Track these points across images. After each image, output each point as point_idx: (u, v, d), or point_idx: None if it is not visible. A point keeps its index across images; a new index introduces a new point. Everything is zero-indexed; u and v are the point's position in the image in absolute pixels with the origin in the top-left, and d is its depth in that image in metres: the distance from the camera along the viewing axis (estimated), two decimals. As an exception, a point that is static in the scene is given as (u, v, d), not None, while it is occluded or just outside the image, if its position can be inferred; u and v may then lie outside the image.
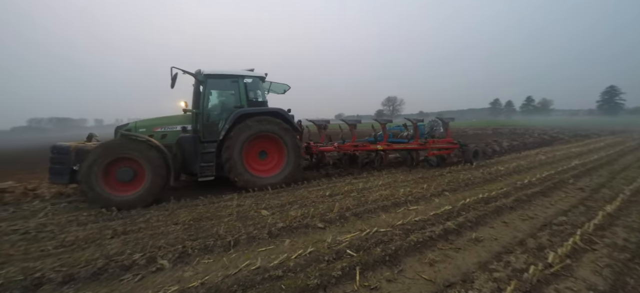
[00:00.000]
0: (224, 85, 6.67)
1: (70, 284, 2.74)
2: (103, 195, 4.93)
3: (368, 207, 4.54)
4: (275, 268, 2.80)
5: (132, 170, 5.18)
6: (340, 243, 3.34)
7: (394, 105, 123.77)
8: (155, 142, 5.43)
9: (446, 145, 8.28)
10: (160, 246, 3.38)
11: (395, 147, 8.24)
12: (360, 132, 9.89)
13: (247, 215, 4.41)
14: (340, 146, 7.82)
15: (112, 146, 5.16)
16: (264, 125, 6.12)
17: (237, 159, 5.89)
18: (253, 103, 6.48)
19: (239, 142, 5.90)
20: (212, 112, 6.42)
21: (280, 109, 6.55)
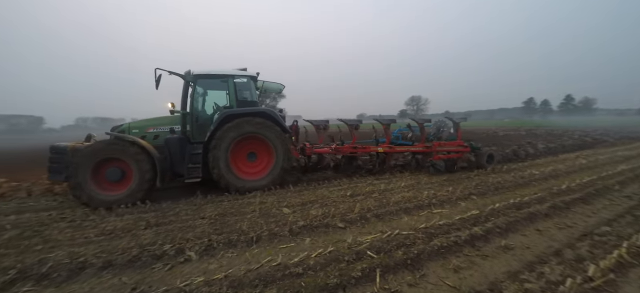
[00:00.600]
0: (214, 86, 6.64)
1: (109, 269, 2.98)
2: (91, 194, 5.02)
3: (389, 209, 4.46)
4: (296, 266, 2.85)
5: (121, 170, 5.26)
6: (360, 244, 3.31)
7: (418, 105, 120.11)
8: (143, 142, 5.43)
9: (455, 147, 7.50)
10: (188, 238, 3.56)
11: (397, 149, 7.62)
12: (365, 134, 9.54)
13: (269, 213, 4.51)
14: (338, 148, 7.39)
15: (99, 147, 5.23)
16: (251, 126, 5.90)
17: (223, 161, 5.71)
18: (243, 103, 6.24)
19: (225, 143, 5.72)
20: (202, 113, 6.39)
21: (269, 109, 6.42)
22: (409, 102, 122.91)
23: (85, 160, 5.02)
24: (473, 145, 7.87)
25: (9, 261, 3.20)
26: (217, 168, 5.66)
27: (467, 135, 18.61)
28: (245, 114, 5.96)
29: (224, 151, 5.72)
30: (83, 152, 5.07)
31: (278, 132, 6.08)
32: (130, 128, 6.00)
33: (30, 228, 4.23)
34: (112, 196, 5.12)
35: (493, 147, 9.48)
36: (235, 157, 6.02)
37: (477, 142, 8.78)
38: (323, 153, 7.78)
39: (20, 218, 4.67)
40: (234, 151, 5.96)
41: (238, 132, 5.81)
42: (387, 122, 7.71)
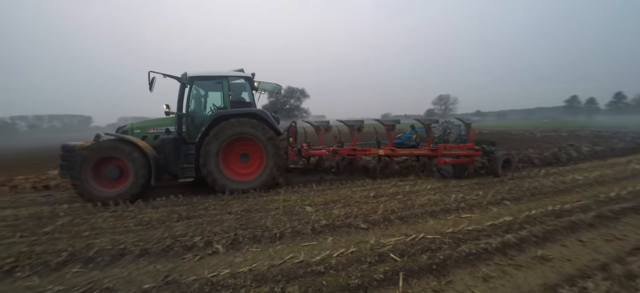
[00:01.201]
0: (209, 87, 6.77)
1: (145, 257, 3.22)
2: (91, 190, 5.32)
3: (414, 211, 4.34)
4: (317, 264, 2.87)
5: (119, 169, 5.53)
6: (383, 246, 3.27)
7: (446, 104, 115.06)
8: (138, 142, 5.64)
9: (464, 151, 6.89)
10: (216, 232, 3.73)
11: (399, 152, 7.21)
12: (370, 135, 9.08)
13: (293, 211, 4.59)
14: (336, 149, 7.15)
15: (97, 147, 5.50)
16: (242, 127, 5.86)
17: (213, 161, 5.75)
18: (237, 104, 6.36)
19: (216, 144, 5.76)
20: (198, 114, 6.48)
21: (261, 110, 6.37)
22: (437, 101, 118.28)
23: (84, 159, 5.33)
24: (486, 149, 7.13)
25: (61, 244, 3.58)
26: (207, 168, 5.72)
27: (497, 137, 17.58)
28: (236, 115, 5.97)
29: (214, 152, 5.76)
30: (82, 152, 5.38)
31: (269, 134, 5.99)
32: (132, 128, 6.33)
33: (79, 216, 4.68)
34: (110, 193, 5.39)
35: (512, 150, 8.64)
36: (228, 157, 6.06)
37: (495, 144, 8.09)
38: (320, 155, 7.61)
39: (72, 207, 5.18)
40: (226, 152, 6.00)
41: (228, 133, 5.82)
42: (390, 123, 7.37)
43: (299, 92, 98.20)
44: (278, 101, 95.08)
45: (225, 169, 5.92)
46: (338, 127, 8.85)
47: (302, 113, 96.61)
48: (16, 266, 3.08)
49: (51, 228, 4.20)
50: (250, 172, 6.16)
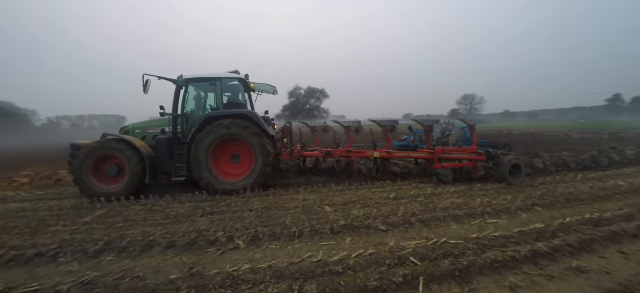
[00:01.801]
0: (204, 88, 6.87)
1: (172, 249, 3.39)
2: (91, 186, 5.62)
3: (436, 215, 4.21)
4: (335, 264, 2.88)
5: (118, 167, 5.79)
6: (403, 248, 3.20)
7: (472, 104, 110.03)
8: (134, 141, 5.86)
9: (466, 154, 6.47)
10: (237, 228, 3.85)
11: (395, 155, 6.87)
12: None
13: (311, 210, 4.62)
14: (329, 151, 6.97)
15: (96, 146, 5.76)
16: (230, 128, 5.88)
17: (202, 162, 5.83)
18: (229, 105, 6.47)
19: (205, 144, 5.82)
20: (193, 115, 6.56)
21: (250, 110, 6.36)
22: (461, 100, 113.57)
23: (84, 157, 5.63)
24: (490, 153, 6.56)
25: (98, 234, 3.87)
26: (196, 168, 5.84)
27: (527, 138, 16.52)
28: (226, 115, 6.01)
29: (204, 152, 5.84)
30: (83, 150, 5.69)
31: (258, 134, 5.97)
32: (133, 129, 6.60)
33: (114, 208, 5.03)
34: (109, 189, 5.69)
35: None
36: (219, 158, 6.13)
37: (509, 147, 7.48)
38: (312, 156, 7.46)
39: (110, 201, 5.56)
40: (217, 152, 6.06)
41: (218, 133, 5.87)
42: (389, 124, 7.00)
43: (319, 92, 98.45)
44: (298, 101, 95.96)
45: (215, 169, 6.01)
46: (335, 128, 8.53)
47: (321, 113, 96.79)
48: (59, 252, 3.37)
49: (89, 218, 4.55)
50: (240, 172, 6.19)
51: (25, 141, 38.05)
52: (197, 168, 5.84)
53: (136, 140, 6.06)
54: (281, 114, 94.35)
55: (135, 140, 5.99)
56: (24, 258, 3.29)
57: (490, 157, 6.50)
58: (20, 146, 26.02)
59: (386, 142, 7.04)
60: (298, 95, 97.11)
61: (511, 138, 17.41)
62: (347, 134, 7.30)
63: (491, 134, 23.09)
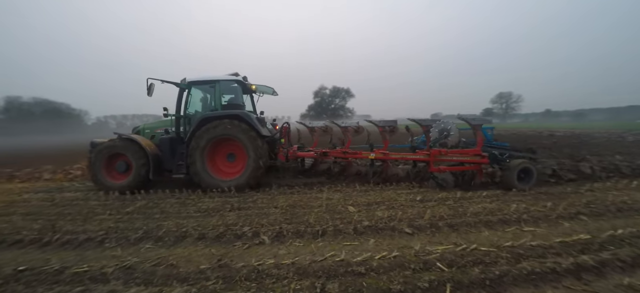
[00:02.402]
0: (205, 90, 7.10)
1: (202, 241, 3.59)
2: (103, 181, 6.25)
3: (466, 220, 4.01)
4: (358, 265, 2.86)
5: (126, 164, 6.32)
6: (429, 253, 3.10)
7: (508, 103, 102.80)
8: (142, 141, 6.33)
9: (467, 157, 5.97)
10: (263, 224, 3.98)
11: (391, 156, 6.54)
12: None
13: (335, 209, 4.63)
14: (325, 152, 6.85)
15: (107, 145, 6.35)
16: (224, 128, 6.10)
17: (199, 160, 6.09)
18: (228, 106, 6.72)
19: (201, 144, 6.08)
20: (194, 116, 6.77)
21: (243, 111, 6.50)
22: (496, 99, 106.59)
23: (97, 155, 6.25)
24: (496, 156, 5.92)
25: (138, 223, 4.20)
26: (193, 166, 6.10)
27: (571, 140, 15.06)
28: (221, 116, 6.22)
29: (200, 151, 6.09)
30: (96, 149, 6.31)
31: (250, 135, 6.10)
32: (144, 129, 7.07)
33: (152, 200, 5.44)
34: (118, 183, 6.24)
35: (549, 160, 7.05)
36: (215, 157, 6.42)
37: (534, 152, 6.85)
38: (308, 157, 7.34)
39: (149, 193, 6.05)
40: (214, 151, 6.35)
41: (212, 134, 6.10)
42: (388, 125, 6.73)
43: (344, 91, 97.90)
44: (323, 101, 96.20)
45: (212, 167, 6.29)
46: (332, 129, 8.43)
47: (346, 112, 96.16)
48: (105, 238, 3.72)
49: (131, 209, 4.96)
50: (235, 171, 6.39)
51: (79, 137, 42.33)
52: (193, 166, 6.13)
53: (143, 139, 6.57)
54: (306, 113, 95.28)
55: (142, 140, 6.48)
56: (76, 242, 3.68)
57: (496, 160, 5.90)
58: (75, 142, 29.01)
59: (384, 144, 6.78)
60: (323, 95, 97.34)
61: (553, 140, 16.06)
62: (345, 135, 7.18)
63: (529, 135, 21.46)
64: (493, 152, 5.95)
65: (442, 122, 7.17)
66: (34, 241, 3.76)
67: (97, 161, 6.29)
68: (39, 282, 2.79)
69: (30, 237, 3.84)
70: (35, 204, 5.69)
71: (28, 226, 4.27)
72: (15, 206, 5.61)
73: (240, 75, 7.15)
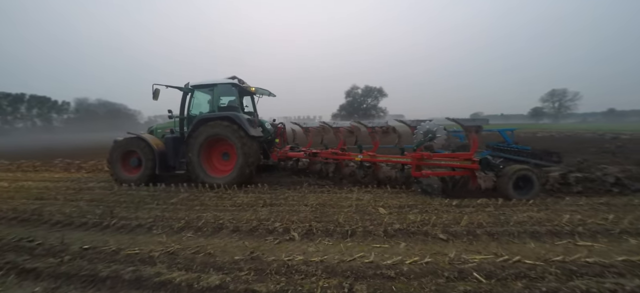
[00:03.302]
0: (206, 94, 7.47)
1: (236, 233, 3.80)
2: (119, 174, 7.20)
3: (509, 229, 3.69)
4: (388, 268, 2.80)
5: (138, 159, 7.18)
6: (465, 262, 2.92)
7: (562, 101, 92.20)
8: (150, 139, 7.13)
9: (455, 161, 5.54)
10: (293, 221, 4.08)
11: (378, 159, 6.30)
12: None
13: (365, 210, 4.57)
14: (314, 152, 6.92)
15: (120, 143, 7.28)
16: (217, 129, 6.52)
17: (194, 158, 6.61)
18: (225, 108, 7.19)
19: (197, 143, 6.57)
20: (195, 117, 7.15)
21: (233, 113, 6.74)
22: (547, 97, 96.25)
23: (114, 151, 7.25)
24: (489, 161, 5.20)
25: (181, 214, 4.57)
26: (190, 163, 6.66)
27: None
28: (214, 118, 6.67)
29: (196, 150, 6.60)
30: (113, 146, 7.32)
31: (240, 135, 6.41)
32: (156, 129, 7.90)
33: (193, 194, 5.88)
34: (132, 177, 7.11)
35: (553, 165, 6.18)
36: (212, 155, 6.98)
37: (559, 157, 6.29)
38: (297, 157, 7.50)
39: (191, 186, 6.56)
40: (210, 150, 6.88)
41: (205, 134, 6.57)
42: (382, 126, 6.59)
43: (377, 90, 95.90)
44: (355, 101, 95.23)
45: (208, 165, 6.84)
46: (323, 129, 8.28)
47: (379, 112, 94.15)
48: (153, 225, 4.11)
49: (175, 200, 5.41)
50: (229, 168, 6.79)
51: (132, 133, 47.20)
52: (189, 163, 6.72)
53: (152, 138, 7.39)
54: (338, 113, 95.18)
55: (151, 138, 7.30)
56: (129, 227, 4.11)
57: (488, 166, 5.18)
58: (129, 137, 32.35)
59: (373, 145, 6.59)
60: (355, 94, 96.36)
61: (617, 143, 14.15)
62: (336, 136, 7.28)
63: (586, 138, 19.12)
64: (487, 157, 5.31)
65: (427, 123, 6.82)
66: (96, 224, 4.30)
67: (114, 156, 7.30)
68: (99, 260, 3.18)
69: (93, 221, 4.39)
70: (97, 192, 6.47)
71: (91, 211, 4.89)
72: (81, 193, 6.44)
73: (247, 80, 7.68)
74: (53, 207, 5.31)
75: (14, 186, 7.63)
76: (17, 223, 4.55)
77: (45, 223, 4.46)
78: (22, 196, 6.36)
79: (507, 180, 5.00)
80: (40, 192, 6.73)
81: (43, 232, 4.12)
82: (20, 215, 4.83)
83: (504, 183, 5.03)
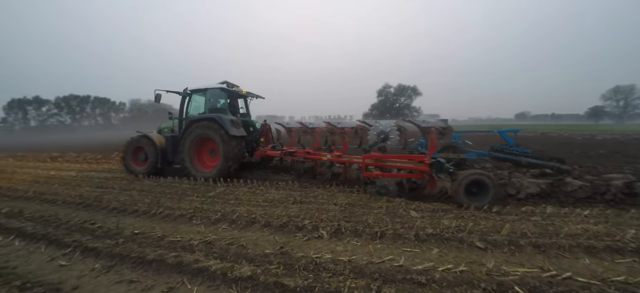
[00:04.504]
0: (201, 97, 8.24)
1: (268, 228, 3.94)
2: (130, 167, 8.52)
3: (558, 241, 3.34)
4: (419, 274, 2.70)
5: (145, 154, 8.38)
6: (506, 274, 2.71)
7: (628, 99, 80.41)
8: (154, 137, 8.28)
9: (407, 163, 5.38)
10: (322, 219, 4.11)
11: (341, 160, 6.35)
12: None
13: (396, 213, 4.45)
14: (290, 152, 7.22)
15: (132, 140, 8.49)
16: (203, 129, 7.38)
17: (186, 154, 7.57)
18: (214, 110, 7.86)
19: (188, 142, 7.52)
20: None
21: (217, 115, 7.42)
22: (610, 94, 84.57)
23: (126, 148, 8.60)
24: (442, 164, 4.99)
25: (217, 207, 4.86)
26: (181, 159, 7.65)
27: None
28: (202, 119, 7.51)
29: (187, 147, 7.57)
30: (126, 143, 8.63)
31: (221, 134, 7.14)
32: (164, 128, 8.95)
33: (229, 188, 6.21)
34: (139, 169, 8.33)
35: None
36: (202, 152, 7.87)
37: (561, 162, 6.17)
38: (275, 156, 7.88)
39: (227, 181, 6.94)
40: (201, 147, 7.78)
41: (195, 134, 7.48)
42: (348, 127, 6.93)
43: (410, 89, 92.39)
44: (387, 100, 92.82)
45: (199, 160, 7.77)
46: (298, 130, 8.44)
47: (412, 112, 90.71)
48: (193, 216, 4.43)
49: (213, 193, 5.77)
50: (215, 164, 7.52)
51: (177, 130, 51.23)
52: (182, 160, 7.68)
53: (156, 136, 8.52)
54: (369, 112, 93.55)
55: (155, 136, 8.45)
56: (172, 217, 4.48)
57: (441, 169, 4.98)
58: (174, 134, 35.15)
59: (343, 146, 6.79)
60: (387, 93, 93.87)
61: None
62: (312, 136, 7.66)
63: None
64: (439, 160, 5.08)
65: (380, 124, 6.94)
66: (145, 212, 4.75)
67: (126, 152, 8.63)
68: (147, 244, 3.52)
69: (143, 209, 4.86)
70: (147, 184, 7.14)
71: (141, 200, 5.41)
72: (134, 184, 7.15)
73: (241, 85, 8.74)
74: (110, 195, 5.99)
75: (80, 175, 8.74)
76: (82, 208, 5.21)
77: (104, 209, 5.05)
78: (86, 184, 7.26)
79: (457, 185, 4.66)
80: (100, 181, 7.62)
81: (102, 217, 4.67)
82: (85, 201, 5.52)
83: (455, 188, 4.70)
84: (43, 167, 11.45)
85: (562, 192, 5.19)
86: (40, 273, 2.99)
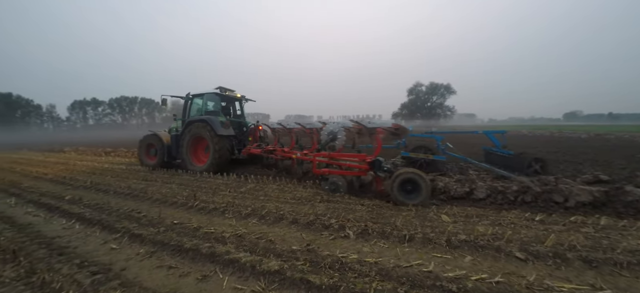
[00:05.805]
0: (199, 100, 9.31)
1: (294, 225, 4.01)
2: (144, 161, 9.81)
3: (615, 257, 2.97)
4: (449, 281, 2.58)
5: (155, 150, 9.65)
6: (549, 289, 2.48)
7: None
8: (162, 135, 9.52)
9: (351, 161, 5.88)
10: (349, 219, 4.10)
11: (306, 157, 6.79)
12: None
13: (426, 216, 4.29)
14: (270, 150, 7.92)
15: (145, 138, 9.86)
16: (196, 129, 8.41)
17: (185, 152, 8.66)
18: (208, 112, 8.92)
19: (186, 140, 8.60)
20: None
21: (208, 116, 8.44)
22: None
23: (141, 144, 9.95)
24: (380, 163, 5.42)
25: (248, 202, 5.06)
26: (181, 155, 8.81)
27: None
28: (196, 120, 8.52)
29: (185, 145, 8.63)
30: (140, 141, 9.96)
31: (211, 133, 8.08)
32: (173, 128, 9.83)
33: (259, 184, 6.43)
34: (151, 163, 9.56)
35: None
36: (198, 149, 8.92)
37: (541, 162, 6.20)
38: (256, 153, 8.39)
39: (257, 178, 7.19)
40: (197, 145, 8.83)
41: (192, 132, 8.52)
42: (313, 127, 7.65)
43: (443, 88, 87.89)
44: (418, 99, 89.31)
45: (195, 156, 8.82)
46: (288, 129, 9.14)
47: (445, 111, 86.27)
48: (225, 210, 4.66)
49: (244, 189, 6.02)
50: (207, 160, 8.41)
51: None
52: (181, 156, 8.83)
53: (164, 134, 9.75)
54: (399, 112, 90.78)
55: (163, 135, 9.67)
56: (207, 210, 4.76)
57: (379, 168, 5.39)
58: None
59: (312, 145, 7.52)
60: (418, 92, 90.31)
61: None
62: (289, 136, 8.65)
63: None
64: (378, 159, 5.52)
65: (330, 125, 7.54)
66: (183, 204, 5.10)
67: (141, 148, 10.00)
68: (184, 234, 3.78)
69: (181, 201, 5.22)
70: (185, 178, 7.66)
71: (180, 193, 5.82)
72: (173, 178, 7.71)
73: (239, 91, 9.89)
74: (154, 187, 6.53)
75: (128, 169, 9.63)
76: (130, 198, 5.74)
77: (148, 200, 5.52)
78: (134, 177, 7.99)
79: (391, 183, 4.89)
80: (145, 174, 8.35)
81: (146, 206, 5.11)
82: (132, 191, 6.08)
83: (389, 186, 4.95)
84: (98, 160, 12.81)
85: (621, 201, 4.60)
86: (95, 254, 3.36)
